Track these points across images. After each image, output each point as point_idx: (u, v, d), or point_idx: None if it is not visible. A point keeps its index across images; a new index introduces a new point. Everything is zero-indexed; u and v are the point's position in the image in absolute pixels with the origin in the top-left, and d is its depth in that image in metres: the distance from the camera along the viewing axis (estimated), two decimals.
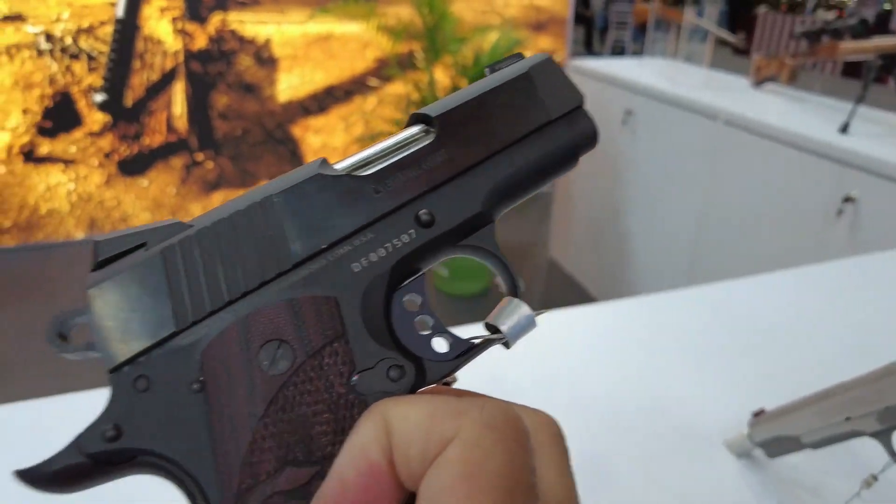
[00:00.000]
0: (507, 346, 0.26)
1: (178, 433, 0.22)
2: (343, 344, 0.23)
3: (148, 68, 3.29)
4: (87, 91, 3.21)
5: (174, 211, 3.53)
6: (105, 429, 0.22)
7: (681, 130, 2.35)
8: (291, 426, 0.22)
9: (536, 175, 0.30)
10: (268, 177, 3.64)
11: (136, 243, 0.24)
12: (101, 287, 0.23)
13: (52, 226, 3.35)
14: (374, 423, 0.20)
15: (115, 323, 0.23)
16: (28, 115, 3.16)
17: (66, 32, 3.12)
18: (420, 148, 0.28)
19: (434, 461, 0.18)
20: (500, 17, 3.69)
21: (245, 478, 0.21)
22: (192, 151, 3.48)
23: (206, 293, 0.23)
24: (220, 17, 3.33)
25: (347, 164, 0.27)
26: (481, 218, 0.28)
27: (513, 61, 0.31)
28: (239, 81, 3.46)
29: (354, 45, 3.56)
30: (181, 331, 0.23)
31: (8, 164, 3.19)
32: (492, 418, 0.19)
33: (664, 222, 2.50)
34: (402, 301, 0.26)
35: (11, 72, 3.09)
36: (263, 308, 0.23)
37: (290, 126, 3.61)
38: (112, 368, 0.22)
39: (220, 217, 0.25)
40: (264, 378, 0.22)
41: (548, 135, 0.30)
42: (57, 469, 0.22)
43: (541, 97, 0.30)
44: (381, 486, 0.19)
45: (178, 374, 0.22)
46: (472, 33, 2.83)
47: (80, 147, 3.28)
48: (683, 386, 0.81)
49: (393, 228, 0.26)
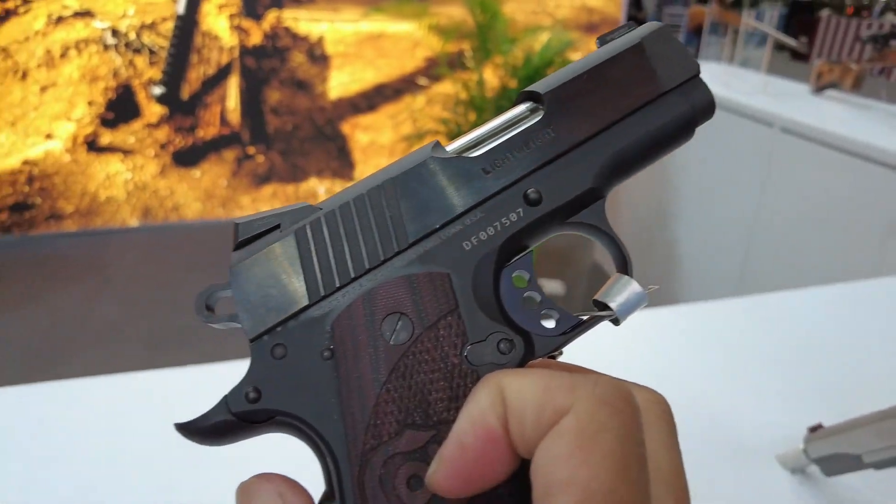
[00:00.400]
0: (617, 322, 0.26)
1: (310, 396, 0.24)
2: (456, 317, 0.25)
3: (204, 63, 3.39)
4: (146, 84, 3.33)
5: (225, 202, 3.63)
6: (247, 390, 0.24)
7: (734, 137, 2.29)
8: (410, 392, 0.24)
9: (649, 149, 0.29)
10: (316, 172, 3.71)
11: (271, 225, 0.26)
12: (242, 265, 0.26)
13: (109, 212, 3.49)
14: (489, 392, 0.21)
15: (255, 297, 0.25)
16: (93, 107, 3.30)
17: (131, 28, 3.24)
18: (528, 126, 0.28)
19: (548, 431, 0.19)
20: (552, 18, 3.67)
21: (369, 439, 0.23)
22: (244, 145, 3.57)
23: (334, 269, 0.25)
24: (276, 14, 3.40)
25: (458, 145, 0.28)
26: (591, 194, 0.28)
27: (624, 31, 0.31)
28: (291, 78, 3.53)
29: (405, 44, 3.59)
30: (313, 304, 0.25)
31: (73, 152, 3.33)
32: (605, 393, 0.20)
33: (714, 230, 2.44)
34: (510, 277, 0.27)
35: (80, 65, 3.23)
36: (385, 283, 0.25)
37: (339, 123, 3.67)
38: (253, 338, 0.25)
39: (346, 200, 0.27)
40: (387, 347, 0.24)
41: (661, 107, 0.29)
42: (209, 424, 0.24)
43: (653, 68, 0.29)
44: (497, 451, 0.20)
45: (310, 342, 0.25)
46: (523, 34, 2.82)
47: (138, 138, 3.40)
48: (733, 397, 0.79)
49: (501, 207, 0.26)
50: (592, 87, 0.28)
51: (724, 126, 2.31)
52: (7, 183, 3.28)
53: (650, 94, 0.29)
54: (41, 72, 3.18)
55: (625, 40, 0.30)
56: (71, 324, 2.67)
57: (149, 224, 3.55)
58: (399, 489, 0.23)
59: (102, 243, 3.41)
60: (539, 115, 0.28)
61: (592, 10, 3.74)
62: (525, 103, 0.29)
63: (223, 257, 0.31)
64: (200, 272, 2.99)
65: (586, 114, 0.28)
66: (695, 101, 0.29)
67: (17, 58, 3.14)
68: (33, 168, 3.30)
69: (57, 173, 3.34)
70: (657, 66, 0.29)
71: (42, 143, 3.28)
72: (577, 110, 0.28)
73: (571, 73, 0.29)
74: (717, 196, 2.40)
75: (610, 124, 0.28)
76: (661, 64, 0.29)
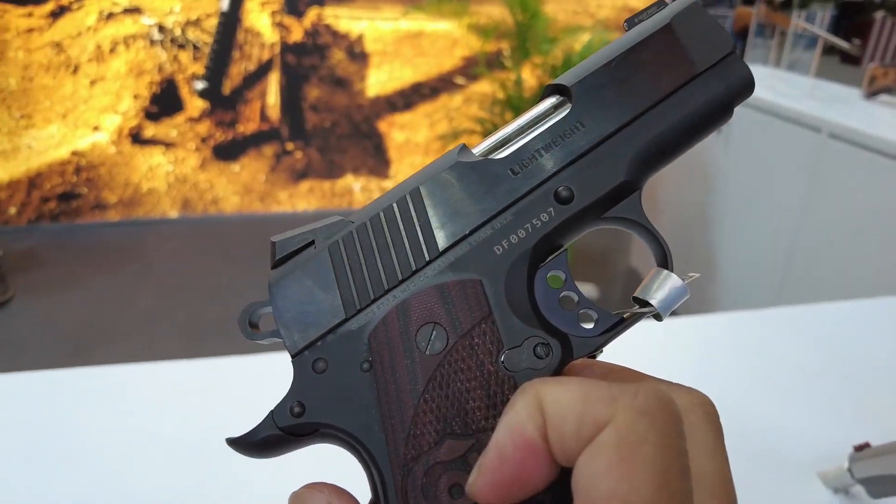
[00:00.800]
0: (659, 318, 0.26)
1: (351, 409, 0.24)
2: (490, 324, 0.24)
3: (246, 59, 3.45)
4: (190, 79, 3.41)
5: (262, 197, 3.69)
6: (292, 405, 0.25)
7: (779, 141, 2.22)
8: (448, 402, 0.24)
9: (685, 134, 0.28)
10: (352, 169, 3.75)
11: (305, 241, 0.27)
12: (280, 283, 0.26)
13: (150, 203, 3.58)
14: (527, 403, 0.20)
15: (295, 314, 0.26)
16: (138, 100, 3.39)
17: (176, 24, 3.32)
18: (556, 122, 0.27)
19: (588, 443, 0.19)
20: (593, 18, 3.62)
21: (410, 449, 0.23)
22: (282, 141, 3.62)
23: (368, 283, 0.26)
24: (317, 11, 3.44)
25: (485, 146, 0.27)
26: (625, 187, 0.27)
27: (654, 11, 0.29)
28: (331, 75, 3.56)
29: (444, 43, 3.59)
30: (350, 317, 0.25)
31: (118, 144, 3.43)
32: (645, 404, 0.19)
33: (755, 237, 2.38)
34: (545, 278, 0.26)
35: (127, 60, 3.32)
36: (417, 294, 0.25)
37: (376, 121, 3.69)
38: (294, 353, 0.25)
39: (375, 211, 0.27)
40: (423, 358, 0.24)
41: (696, 89, 0.27)
42: (258, 439, 0.25)
43: (685, 49, 0.28)
44: (537, 461, 0.20)
45: (349, 356, 0.25)
46: (563, 34, 2.79)
47: (181, 131, 3.48)
48: (774, 409, 0.77)
49: (531, 208, 0.26)
50: (621, 75, 0.27)
51: (769, 131, 2.24)
52: (57, 173, 3.40)
53: (683, 76, 0.27)
54: (91, 66, 3.28)
55: (654, 21, 0.28)
56: (110, 310, 2.75)
57: (188, 216, 3.63)
58: (441, 498, 0.23)
59: (143, 233, 3.50)
60: (566, 108, 0.27)
61: (634, 11, 3.67)
62: (552, 97, 0.28)
63: (260, 251, 0.31)
64: (237, 264, 3.04)
65: (616, 103, 0.27)
66: (730, 81, 0.28)
67: (70, 52, 3.25)
68: (81, 159, 3.41)
69: (103, 164, 3.45)
70: (689, 46, 0.28)
71: (90, 135, 3.39)
72: (606, 100, 0.27)
73: (598, 61, 0.28)
74: (760, 202, 2.34)
75: (641, 112, 0.27)
76: (693, 43, 0.28)
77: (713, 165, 2.55)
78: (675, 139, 0.27)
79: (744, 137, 2.38)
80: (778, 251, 2.26)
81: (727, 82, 0.28)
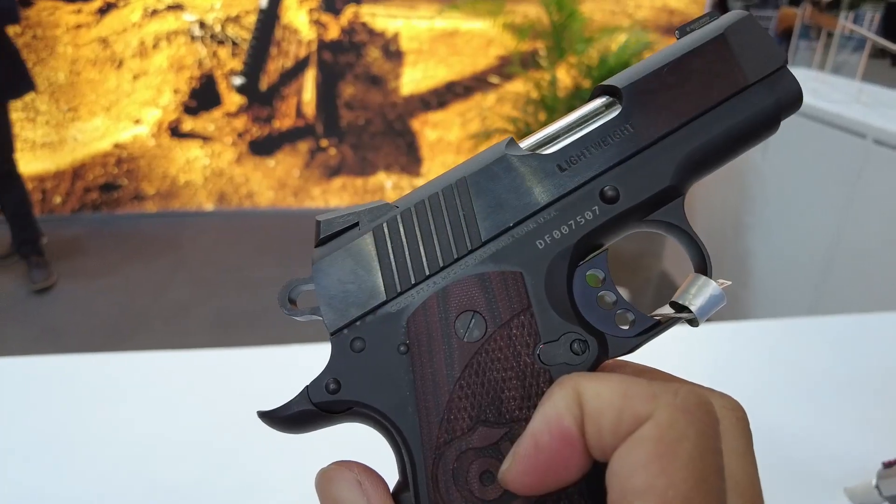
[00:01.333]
0: (695, 324, 0.26)
1: (386, 389, 0.25)
2: (529, 317, 0.25)
3: (283, 56, 3.50)
4: (228, 74, 3.47)
5: (296, 192, 3.74)
6: (328, 381, 0.25)
7: (821, 147, 2.16)
8: (484, 389, 0.24)
9: (731, 144, 0.28)
10: (384, 167, 3.77)
11: (350, 223, 0.27)
12: (323, 262, 0.27)
13: (187, 196, 3.66)
14: (566, 394, 0.21)
15: (336, 292, 0.26)
16: (178, 95, 3.47)
17: (216, 21, 3.39)
18: (605, 122, 0.27)
19: (626, 438, 0.19)
20: (630, 18, 3.58)
21: (443, 433, 0.24)
22: (317, 137, 3.67)
23: (410, 267, 0.26)
24: (354, 9, 3.47)
25: (533, 141, 0.28)
26: (670, 192, 0.27)
27: (706, 21, 0.29)
28: (366, 73, 3.59)
29: (479, 42, 3.59)
30: (390, 300, 0.26)
31: (157, 137, 3.51)
32: (686, 402, 0.20)
33: (792, 244, 2.32)
34: (584, 276, 0.26)
35: (169, 55, 3.40)
36: (458, 281, 0.26)
37: (409, 119, 3.71)
38: (333, 331, 0.26)
39: (421, 198, 0.27)
40: (460, 345, 0.25)
41: (745, 100, 0.28)
42: (290, 413, 0.25)
43: (737, 60, 0.28)
44: (572, 452, 0.20)
45: (387, 337, 0.25)
46: (600, 34, 2.76)
47: (218, 126, 3.55)
48: (803, 420, 0.75)
49: (576, 205, 0.26)
50: (672, 81, 0.28)
51: (811, 136, 2.18)
52: (99, 164, 3.50)
53: (733, 87, 0.28)
54: (135, 61, 3.38)
55: (706, 31, 0.29)
56: (145, 299, 2.82)
57: (223, 209, 3.70)
58: (471, 483, 0.23)
59: (179, 225, 3.58)
60: (616, 110, 0.27)
61: (673, 12, 3.62)
62: (602, 98, 0.28)
63: (292, 244, 0.31)
64: (270, 258, 3.09)
65: (666, 109, 0.27)
66: (780, 94, 0.28)
67: (115, 48, 3.34)
68: (122, 151, 3.51)
69: (142, 156, 3.54)
70: (741, 57, 0.28)
71: (131, 128, 3.48)
72: (657, 105, 0.27)
73: (651, 66, 0.28)
74: (799, 209, 2.28)
75: (690, 119, 0.27)
76: (746, 55, 0.28)
77: (751, 170, 2.50)
78: (722, 148, 0.28)
79: (783, 142, 2.32)
80: (815, 260, 2.20)
81: (777, 95, 0.28)
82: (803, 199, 2.27)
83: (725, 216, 2.69)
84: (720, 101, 0.27)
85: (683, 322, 0.26)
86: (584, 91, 2.66)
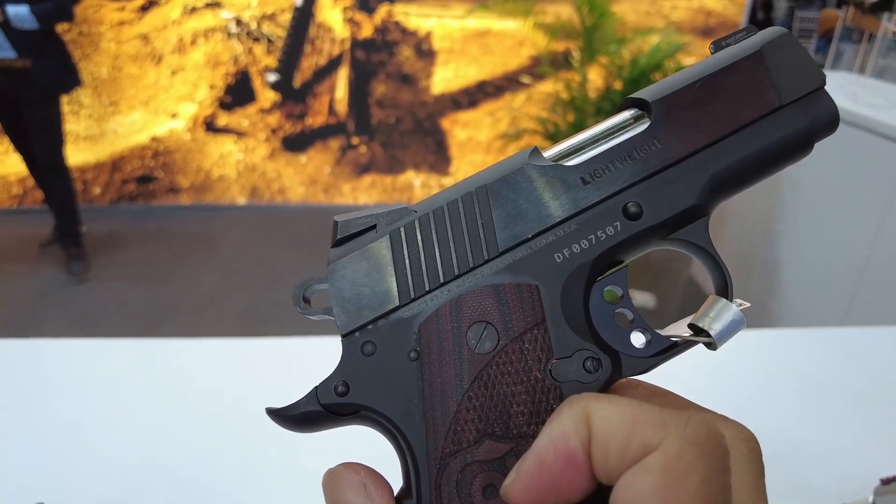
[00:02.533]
0: (713, 347, 0.25)
1: (395, 395, 0.25)
2: (542, 331, 0.24)
3: (317, 53, 3.55)
4: (262, 71, 3.54)
5: (327, 188, 3.78)
6: (337, 384, 0.25)
7: (858, 154, 2.09)
8: (492, 402, 0.24)
9: (761, 166, 0.27)
10: (413, 165, 3.79)
11: (368, 225, 0.27)
12: (339, 263, 0.27)
13: (220, 189, 3.74)
14: (574, 415, 0.21)
15: (349, 294, 0.26)
16: (213, 90, 3.55)
17: (253, 18, 3.45)
18: (632, 135, 0.27)
19: (633, 464, 0.19)
20: (666, 19, 3.52)
21: (449, 443, 0.24)
22: (348, 135, 3.71)
23: (425, 273, 0.26)
24: (387, 8, 3.50)
25: (556, 151, 0.27)
26: (694, 211, 0.26)
27: (743, 36, 0.29)
28: (398, 71, 3.61)
29: (510, 42, 3.58)
30: (403, 305, 0.26)
31: (193, 131, 3.60)
32: (696, 434, 0.19)
33: (825, 254, 2.25)
34: (602, 292, 0.26)
35: (205, 51, 3.48)
36: (472, 291, 0.25)
37: (439, 118, 3.72)
38: (345, 333, 0.26)
39: (439, 204, 0.27)
40: (471, 355, 0.24)
41: (778, 121, 0.27)
42: (298, 413, 0.25)
43: (773, 79, 0.27)
44: (576, 473, 0.20)
45: (398, 342, 0.25)
46: (633, 35, 2.72)
47: (252, 122, 3.62)
48: (808, 433, 0.73)
49: (598, 220, 0.26)
50: (704, 97, 0.27)
51: (849, 141, 2.12)
52: (137, 157, 3.60)
53: (766, 106, 0.27)
54: (173, 57, 3.46)
55: (743, 47, 0.28)
56: (177, 290, 2.89)
57: (255, 203, 3.77)
58: (474, 496, 0.23)
59: (212, 218, 3.66)
60: (644, 123, 0.27)
61: (711, 13, 3.55)
62: (630, 110, 0.28)
63: (322, 240, 0.32)
64: (299, 252, 3.14)
65: (696, 125, 0.27)
66: (815, 116, 0.27)
67: (155, 44, 3.43)
68: (159, 145, 3.61)
69: (178, 150, 3.63)
70: (777, 76, 0.27)
71: (168, 122, 3.57)
72: (687, 121, 0.27)
73: (682, 80, 0.27)
74: (833, 217, 2.22)
75: (721, 137, 0.26)
76: (782, 74, 0.27)
77: (783, 177, 2.43)
78: (751, 169, 0.27)
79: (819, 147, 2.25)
80: (849, 270, 2.13)
81: (812, 117, 0.27)
82: (838, 207, 2.21)
83: (756, 223, 2.63)
84: (751, 120, 0.27)
85: (701, 344, 0.26)
86: (614, 92, 2.63)
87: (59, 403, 0.75)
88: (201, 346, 0.86)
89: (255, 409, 0.74)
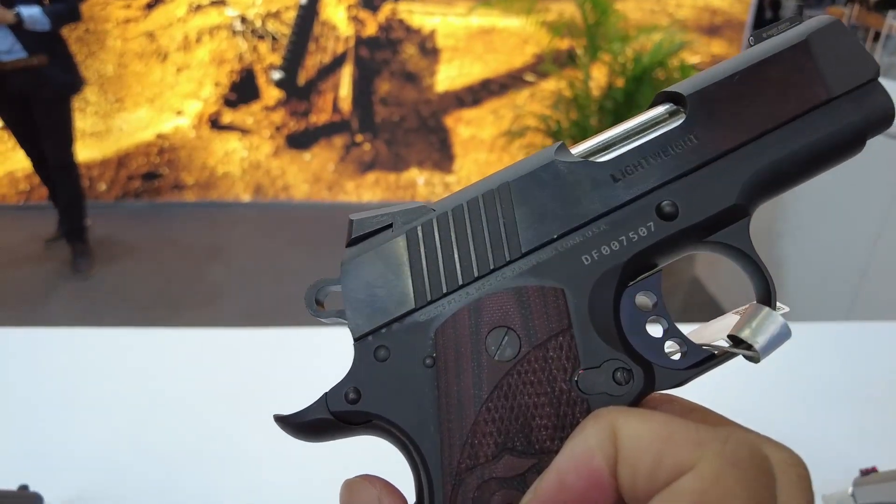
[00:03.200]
0: (756, 360, 0.23)
1: (408, 404, 0.23)
2: (568, 338, 0.23)
3: (321, 51, 3.56)
4: (267, 69, 3.55)
5: (331, 186, 3.79)
6: (347, 390, 0.24)
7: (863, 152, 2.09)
8: (513, 414, 0.22)
9: (808, 164, 0.25)
10: (417, 163, 3.79)
11: (384, 224, 0.26)
12: (352, 263, 0.25)
13: (225, 187, 3.76)
14: (600, 430, 0.19)
15: (363, 296, 0.25)
16: (218, 88, 3.56)
17: (257, 16, 3.46)
18: (667, 131, 0.25)
19: (664, 486, 0.17)
20: (671, 17, 3.51)
21: (465, 458, 0.22)
22: (352, 132, 3.71)
23: (443, 275, 0.24)
24: (391, 6, 3.50)
25: (585, 148, 0.26)
26: (734, 212, 0.24)
27: (788, 26, 0.27)
28: (402, 69, 3.62)
29: (514, 40, 3.57)
30: (419, 308, 0.24)
31: (198, 129, 3.62)
32: (736, 455, 0.17)
33: (828, 251, 2.24)
34: (633, 299, 0.24)
35: (211, 49, 3.50)
36: (493, 294, 0.24)
37: (443, 116, 3.72)
38: (357, 337, 0.24)
39: (460, 202, 0.25)
40: (490, 363, 0.23)
41: (827, 115, 0.25)
42: (307, 420, 0.24)
43: (820, 70, 0.25)
44: (599, 494, 0.18)
45: (413, 348, 0.24)
46: (637, 33, 2.72)
47: (256, 119, 3.64)
48: (795, 426, 0.73)
49: (630, 220, 0.24)
50: (744, 90, 0.25)
51: None
52: (142, 154, 3.62)
53: (814, 99, 0.25)
54: (179, 54, 3.48)
55: (786, 37, 0.26)
56: (181, 286, 2.91)
57: (259, 200, 3.79)
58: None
59: (216, 215, 3.68)
60: (680, 118, 0.25)
61: (716, 12, 3.53)
62: (664, 105, 0.26)
63: (325, 237, 0.32)
64: (303, 249, 3.15)
65: (735, 120, 0.25)
66: (868, 110, 0.25)
67: (161, 41, 3.45)
68: (164, 142, 3.63)
69: (183, 147, 3.65)
70: (825, 67, 0.25)
71: (173, 119, 3.59)
72: (725, 115, 0.25)
73: (721, 73, 0.26)
74: (836, 214, 2.21)
75: (763, 133, 0.25)
76: (831, 65, 0.25)
77: None
78: (798, 167, 0.25)
79: None
80: (851, 268, 2.13)
81: (864, 111, 0.25)
82: (841, 204, 2.20)
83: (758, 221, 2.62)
84: (798, 114, 0.25)
85: (741, 356, 0.24)
86: (617, 90, 2.63)
87: (52, 391, 0.76)
88: (203, 336, 0.87)
89: (258, 400, 0.75)
